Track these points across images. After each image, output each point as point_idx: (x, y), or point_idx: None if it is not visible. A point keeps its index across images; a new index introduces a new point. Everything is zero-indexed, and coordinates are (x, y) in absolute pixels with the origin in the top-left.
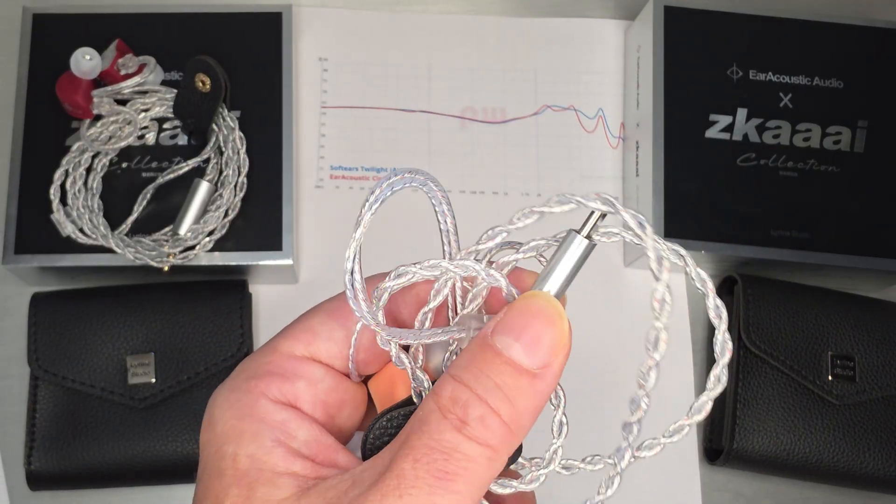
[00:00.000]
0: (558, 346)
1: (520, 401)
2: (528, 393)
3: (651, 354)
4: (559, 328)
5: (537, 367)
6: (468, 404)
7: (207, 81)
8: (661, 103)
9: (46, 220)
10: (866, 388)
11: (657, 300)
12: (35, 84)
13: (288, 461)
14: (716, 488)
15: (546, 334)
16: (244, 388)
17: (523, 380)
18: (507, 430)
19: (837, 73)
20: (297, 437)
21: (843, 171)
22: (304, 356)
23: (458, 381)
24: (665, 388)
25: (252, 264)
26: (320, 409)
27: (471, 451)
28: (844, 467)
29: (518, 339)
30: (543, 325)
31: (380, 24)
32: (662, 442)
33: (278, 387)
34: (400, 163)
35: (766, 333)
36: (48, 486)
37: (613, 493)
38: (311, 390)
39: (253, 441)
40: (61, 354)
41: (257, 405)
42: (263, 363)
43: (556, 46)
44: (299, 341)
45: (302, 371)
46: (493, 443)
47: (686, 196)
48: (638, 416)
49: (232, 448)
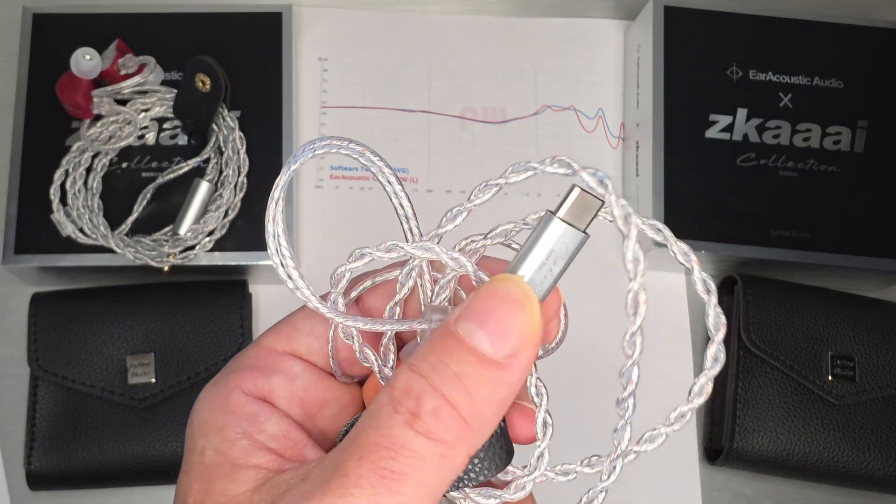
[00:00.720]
0: (527, 333)
1: (480, 392)
2: (491, 384)
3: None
4: (528, 314)
5: (503, 357)
6: (421, 395)
7: (207, 81)
8: (661, 103)
9: (46, 220)
10: (866, 388)
11: (629, 260)
12: (35, 84)
13: (249, 453)
14: (716, 488)
15: (513, 320)
16: (223, 382)
17: (486, 369)
18: (463, 424)
19: (837, 73)
20: (265, 429)
21: (843, 171)
22: (284, 351)
23: (412, 371)
24: (665, 388)
25: (252, 264)
26: (297, 406)
27: (421, 448)
28: (844, 467)
29: (482, 325)
30: (511, 311)
31: (380, 24)
32: (664, 432)
33: (253, 380)
34: (400, 163)
35: (766, 333)
36: (48, 486)
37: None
38: (287, 386)
39: (219, 433)
40: (61, 354)
41: (230, 398)
42: (247, 357)
43: (556, 46)
44: (281, 335)
45: (279, 366)
46: (446, 438)
47: (686, 196)
48: (630, 390)
49: (201, 442)
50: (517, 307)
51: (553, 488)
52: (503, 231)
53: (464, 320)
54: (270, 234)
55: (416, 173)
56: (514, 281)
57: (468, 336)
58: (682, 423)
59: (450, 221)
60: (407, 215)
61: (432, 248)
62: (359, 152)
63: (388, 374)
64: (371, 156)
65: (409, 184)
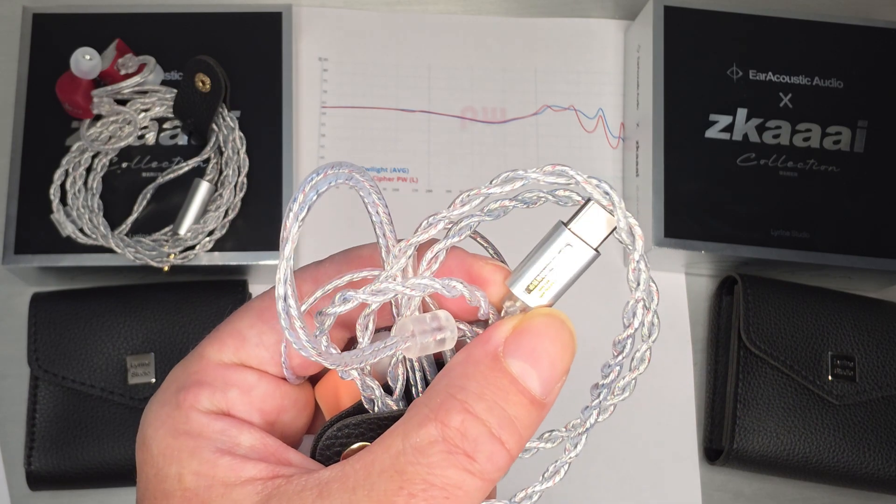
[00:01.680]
0: (566, 371)
1: (527, 432)
2: (535, 423)
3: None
4: (571, 353)
5: (545, 395)
6: (479, 440)
7: (207, 81)
8: (661, 103)
9: (46, 220)
10: (866, 388)
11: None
12: (35, 84)
13: (237, 469)
14: (716, 488)
15: (561, 361)
16: (174, 403)
17: (535, 411)
18: (510, 463)
19: (837, 73)
20: (241, 443)
21: (843, 171)
22: (234, 362)
23: (469, 413)
24: (665, 388)
25: (252, 264)
26: (258, 416)
27: (472, 487)
28: (844, 467)
29: (535, 366)
30: (560, 350)
31: (380, 24)
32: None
33: (209, 397)
34: (400, 163)
35: (766, 333)
36: (48, 486)
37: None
38: (244, 399)
39: (194, 457)
40: (61, 354)
41: (190, 419)
42: (192, 372)
43: (556, 46)
44: (227, 347)
45: (233, 379)
46: (495, 478)
47: (686, 196)
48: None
49: (175, 468)
50: (566, 349)
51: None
52: (467, 224)
53: (515, 358)
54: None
55: (416, 173)
56: (562, 320)
57: (522, 377)
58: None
59: (431, 227)
60: (382, 221)
61: (430, 284)
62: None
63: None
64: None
65: (410, 184)
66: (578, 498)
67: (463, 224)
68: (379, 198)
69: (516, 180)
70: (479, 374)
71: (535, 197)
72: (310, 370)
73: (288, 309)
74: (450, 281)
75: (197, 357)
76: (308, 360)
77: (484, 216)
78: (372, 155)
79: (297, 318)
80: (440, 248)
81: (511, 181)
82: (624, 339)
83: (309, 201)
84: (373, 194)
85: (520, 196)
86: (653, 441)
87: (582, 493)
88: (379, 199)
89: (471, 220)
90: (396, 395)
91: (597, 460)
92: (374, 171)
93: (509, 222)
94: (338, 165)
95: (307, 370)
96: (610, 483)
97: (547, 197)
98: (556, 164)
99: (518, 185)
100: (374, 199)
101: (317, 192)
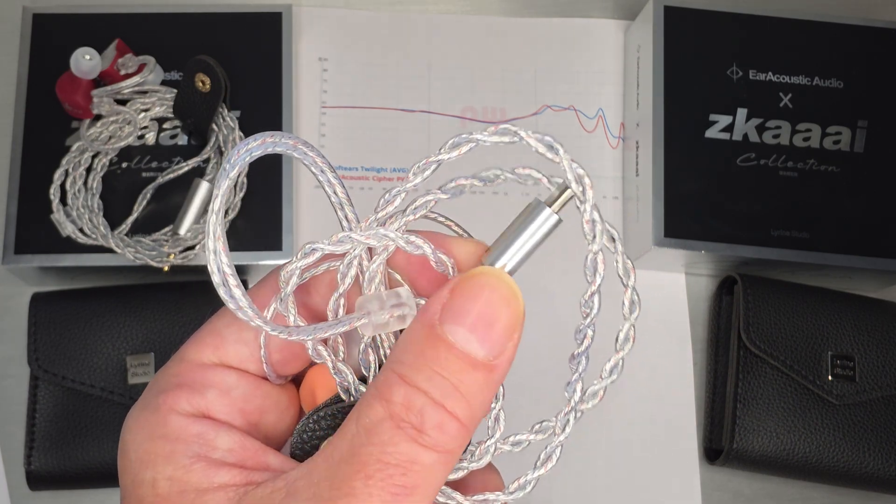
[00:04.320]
0: (514, 329)
1: (476, 397)
2: (485, 387)
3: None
4: (514, 310)
5: (493, 357)
6: (424, 411)
7: (207, 81)
8: (661, 103)
9: (46, 220)
10: (866, 388)
11: (587, 221)
12: (35, 84)
13: (210, 475)
14: (716, 488)
15: (501, 319)
16: (153, 406)
17: (480, 374)
18: (465, 431)
19: (837, 73)
20: (218, 446)
21: (843, 171)
22: (213, 363)
23: (410, 385)
24: (665, 388)
25: (252, 264)
26: (239, 417)
27: (428, 460)
28: (844, 467)
29: (473, 329)
30: (498, 309)
31: (380, 24)
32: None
33: (187, 399)
34: (400, 163)
35: (766, 333)
36: (48, 486)
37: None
38: (224, 399)
39: (169, 462)
40: (61, 354)
41: (168, 423)
42: (171, 375)
43: (556, 46)
44: (206, 346)
45: (211, 379)
46: (451, 447)
47: (686, 196)
48: (585, 346)
49: (149, 474)
50: (504, 304)
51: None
52: (424, 203)
53: (451, 323)
54: (211, 251)
55: None
56: (497, 275)
57: (460, 343)
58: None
59: (389, 204)
60: (341, 202)
61: (386, 234)
62: (291, 146)
63: (342, 367)
64: (304, 147)
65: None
66: (578, 498)
67: (419, 202)
68: (335, 177)
69: (464, 144)
70: (416, 344)
71: (493, 175)
72: (291, 366)
73: (221, 265)
74: (412, 236)
75: (178, 360)
76: (289, 356)
77: (441, 194)
78: (372, 155)
79: (233, 276)
80: (400, 223)
81: (458, 146)
82: (589, 299)
83: (240, 161)
84: (327, 172)
85: (479, 175)
86: (653, 441)
87: (582, 493)
88: (335, 179)
89: (427, 199)
90: (370, 381)
91: (597, 460)
92: (374, 171)
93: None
94: (280, 135)
95: (288, 366)
96: (610, 483)
97: (506, 175)
98: (500, 124)
99: (466, 148)
100: (328, 177)
101: (251, 154)
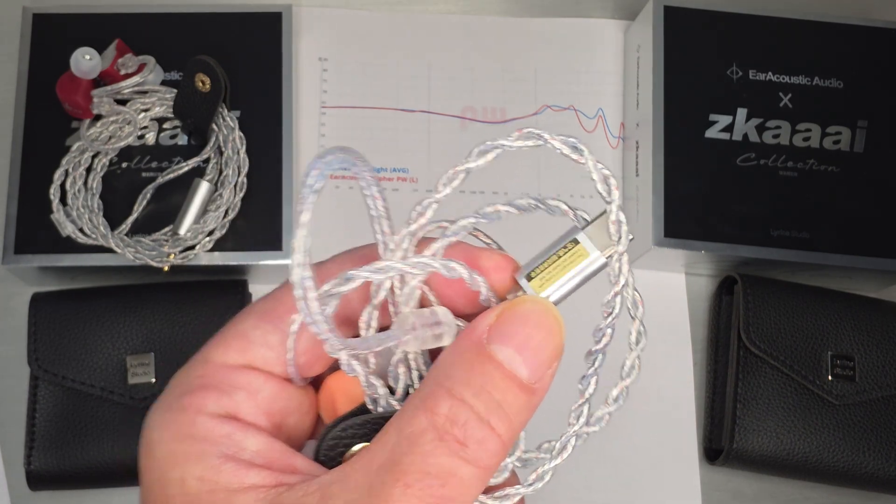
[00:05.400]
0: (555, 357)
1: (517, 418)
2: (527, 409)
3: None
4: (557, 338)
5: (535, 381)
6: (468, 426)
7: (207, 81)
8: (661, 103)
9: (46, 220)
10: (866, 388)
11: (613, 222)
12: (35, 84)
13: (241, 475)
14: (716, 488)
15: (550, 349)
16: (179, 407)
17: (524, 396)
18: (503, 449)
19: (837, 73)
20: (247, 447)
21: (843, 171)
22: (240, 365)
23: (456, 399)
24: (665, 388)
25: (252, 264)
26: (264, 419)
27: (467, 475)
28: (844, 467)
29: (520, 351)
30: (547, 339)
31: (380, 24)
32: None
33: (215, 400)
34: (400, 163)
35: (766, 333)
36: (48, 486)
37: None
38: (251, 401)
39: (199, 462)
40: (61, 354)
41: (196, 423)
42: (196, 376)
43: (556, 46)
44: (232, 349)
45: (239, 381)
46: (488, 464)
47: (686, 196)
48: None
49: (178, 473)
50: (550, 333)
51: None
52: (463, 226)
53: (500, 344)
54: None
55: (416, 173)
56: (545, 304)
57: (507, 363)
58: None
59: (420, 216)
60: (380, 215)
61: (431, 263)
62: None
63: (373, 381)
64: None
65: (409, 184)
66: (578, 498)
67: (459, 225)
68: (379, 191)
69: (490, 151)
70: (465, 361)
71: (527, 204)
72: (314, 369)
73: (304, 280)
74: (450, 262)
75: (201, 361)
76: (313, 358)
77: (481, 219)
78: (372, 155)
79: (312, 290)
80: (439, 247)
81: (486, 153)
82: (612, 299)
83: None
84: (373, 186)
85: (515, 202)
86: (653, 441)
87: (582, 493)
88: (379, 193)
89: (467, 222)
90: (399, 394)
91: (597, 460)
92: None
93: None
94: (342, 150)
95: (312, 368)
96: (610, 483)
97: (538, 205)
98: (525, 129)
99: (492, 155)
100: (374, 191)
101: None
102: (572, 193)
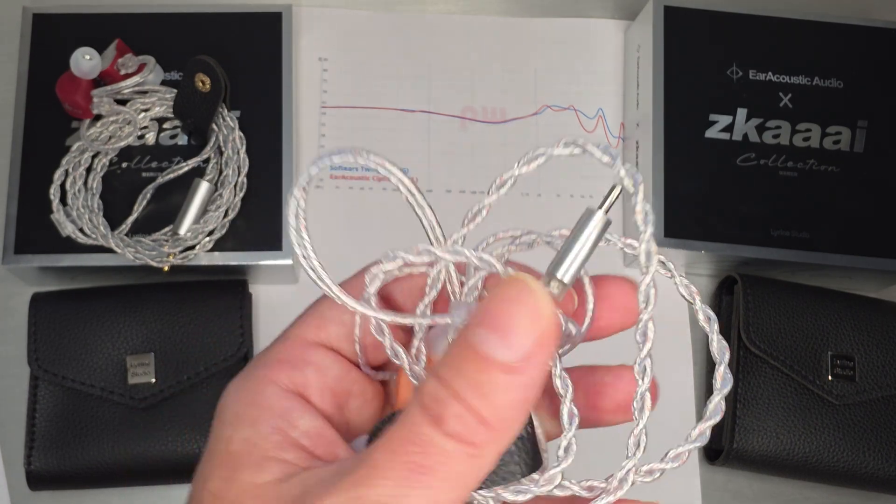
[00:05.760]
0: (539, 334)
1: (499, 397)
2: (508, 388)
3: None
4: (537, 315)
5: (516, 360)
6: (445, 402)
7: (207, 81)
8: (661, 103)
9: (46, 220)
10: (866, 388)
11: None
12: (35, 84)
13: (281, 448)
14: (716, 488)
15: (521, 324)
16: (254, 377)
17: (501, 375)
18: (488, 427)
19: (837, 73)
20: (299, 426)
21: (843, 171)
22: (315, 342)
23: (438, 378)
24: (665, 388)
25: (252, 264)
26: (328, 397)
27: (448, 447)
28: (844, 467)
29: (494, 330)
30: (518, 314)
31: (380, 24)
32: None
33: (288, 374)
34: (400, 163)
35: (766, 333)
36: (48, 486)
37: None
38: (319, 378)
39: (251, 426)
40: (61, 354)
41: (263, 393)
42: (276, 352)
43: (556, 46)
44: (310, 327)
45: (311, 357)
46: (474, 440)
47: (686, 196)
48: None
49: (229, 431)
50: (525, 310)
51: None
52: (527, 240)
53: (477, 326)
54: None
55: (416, 173)
56: (519, 281)
57: (481, 344)
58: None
59: (471, 221)
60: (433, 224)
61: (461, 251)
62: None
63: (417, 370)
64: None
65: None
66: None
67: (523, 239)
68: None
69: (538, 158)
70: (452, 346)
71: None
72: (380, 355)
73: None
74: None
75: (283, 338)
76: (376, 342)
77: (545, 237)
78: None
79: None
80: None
81: (533, 160)
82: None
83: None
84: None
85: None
86: (653, 441)
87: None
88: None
89: (530, 237)
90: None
91: (596, 460)
92: (374, 172)
93: None
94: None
95: (378, 353)
96: None
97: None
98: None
99: (539, 162)
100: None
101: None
102: (572, 193)
